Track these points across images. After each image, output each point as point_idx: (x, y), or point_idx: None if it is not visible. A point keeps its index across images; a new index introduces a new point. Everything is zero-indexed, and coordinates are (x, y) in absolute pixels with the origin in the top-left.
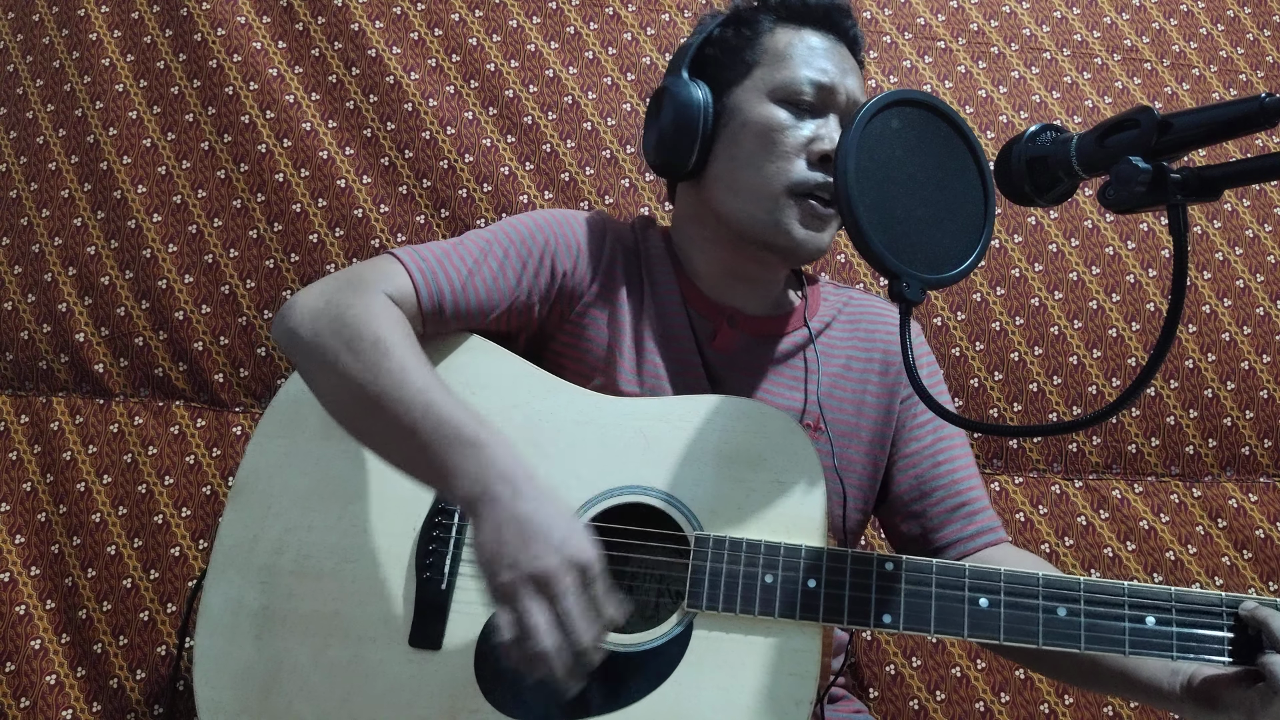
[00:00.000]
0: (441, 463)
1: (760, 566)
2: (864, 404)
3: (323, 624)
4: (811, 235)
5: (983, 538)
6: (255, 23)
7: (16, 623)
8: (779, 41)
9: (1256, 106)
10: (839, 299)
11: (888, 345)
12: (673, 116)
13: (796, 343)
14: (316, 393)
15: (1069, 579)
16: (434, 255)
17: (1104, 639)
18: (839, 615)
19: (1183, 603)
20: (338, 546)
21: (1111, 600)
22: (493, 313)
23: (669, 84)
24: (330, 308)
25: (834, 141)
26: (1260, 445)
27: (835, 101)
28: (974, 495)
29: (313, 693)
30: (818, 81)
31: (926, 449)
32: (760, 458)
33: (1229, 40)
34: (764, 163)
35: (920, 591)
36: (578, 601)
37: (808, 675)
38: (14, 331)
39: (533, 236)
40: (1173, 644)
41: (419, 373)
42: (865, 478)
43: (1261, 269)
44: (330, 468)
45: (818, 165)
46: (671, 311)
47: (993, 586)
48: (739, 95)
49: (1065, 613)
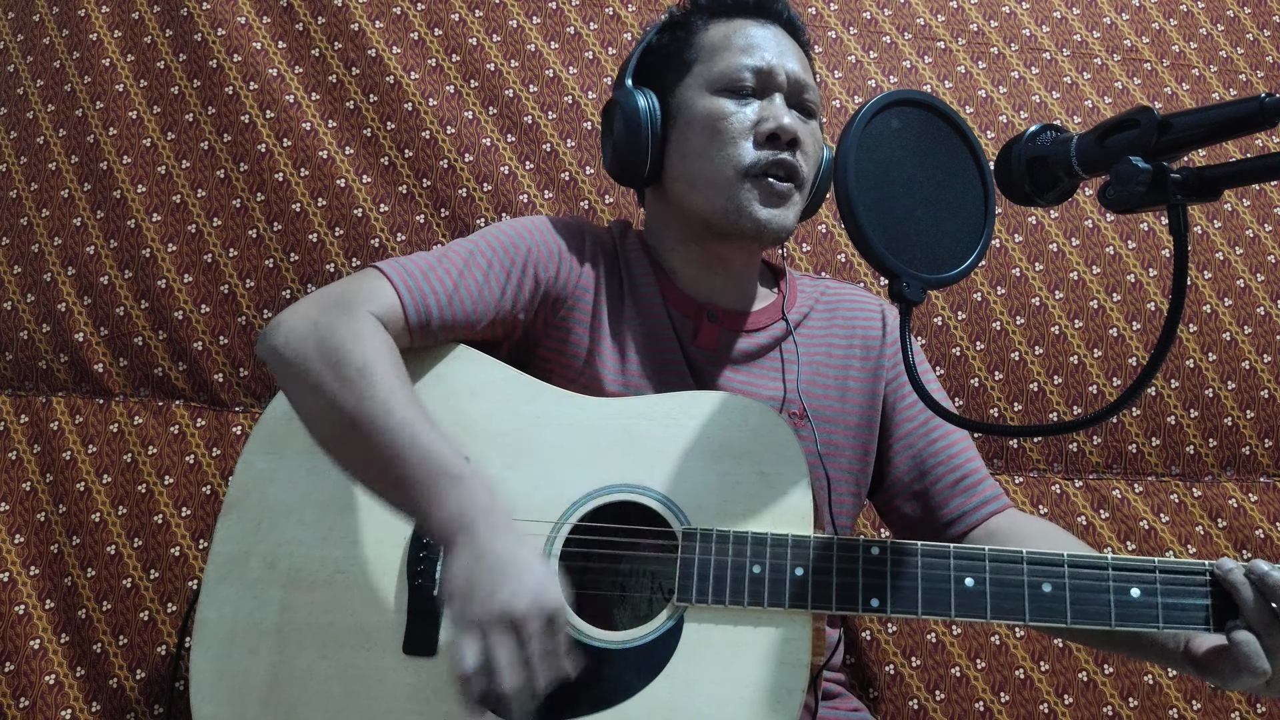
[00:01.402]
0: (421, 493)
1: (748, 557)
2: (847, 390)
3: (318, 635)
4: (774, 213)
5: (988, 507)
6: (255, 23)
7: (16, 622)
8: (713, 36)
9: (1256, 106)
10: (815, 289)
11: (867, 330)
12: (623, 126)
13: (775, 335)
14: (299, 413)
15: (1053, 555)
16: (419, 269)
17: (1090, 613)
18: (827, 602)
19: (1166, 573)
20: (330, 558)
21: (1096, 574)
22: (479, 324)
23: (615, 96)
24: (316, 329)
25: (778, 119)
26: (1260, 445)
27: (776, 83)
28: (973, 466)
29: (310, 703)
30: (754, 66)
31: (920, 427)
32: (745, 450)
33: (1229, 40)
34: (714, 152)
35: (906, 574)
36: (542, 646)
37: (799, 663)
38: (14, 331)
39: (515, 246)
40: (1158, 614)
41: (404, 403)
42: (854, 463)
43: (1262, 269)
44: (320, 481)
45: (765, 144)
46: (652, 311)
47: (978, 566)
48: (681, 94)
49: (1050, 589)
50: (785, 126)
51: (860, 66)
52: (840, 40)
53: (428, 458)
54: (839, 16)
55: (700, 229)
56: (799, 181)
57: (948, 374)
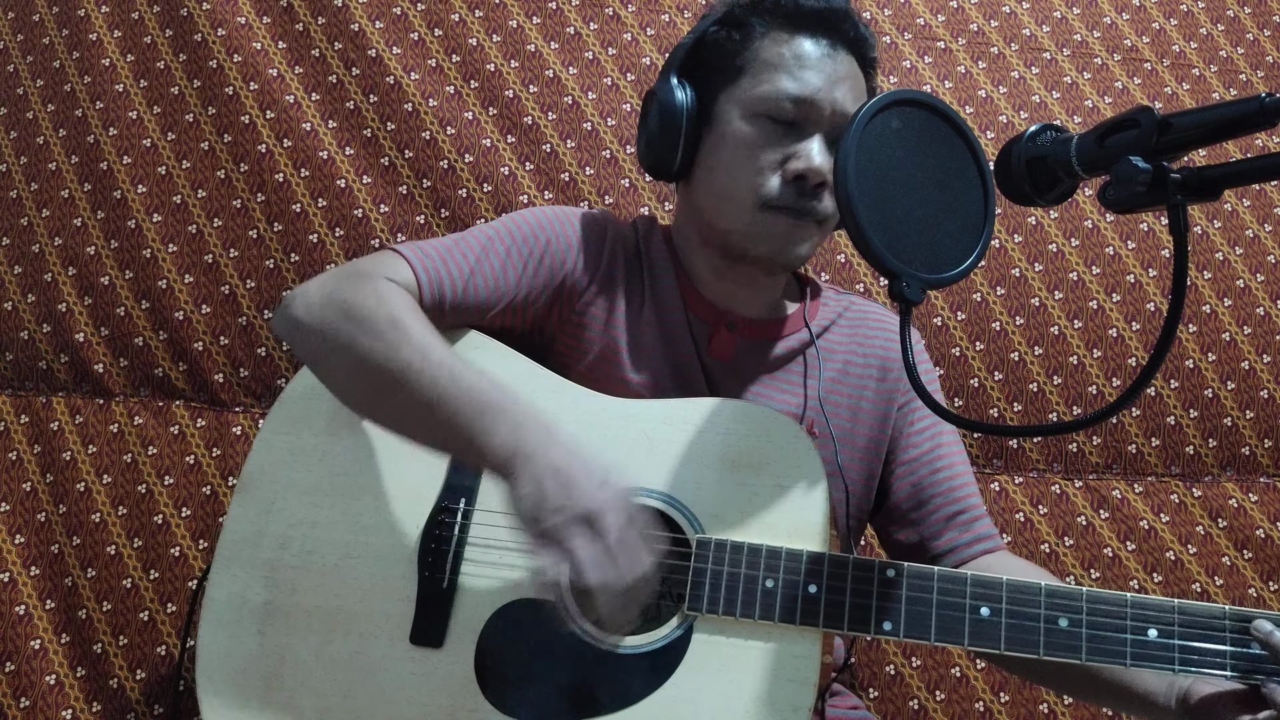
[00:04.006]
0: (472, 429)
1: (761, 570)
2: (860, 410)
3: (325, 619)
4: (787, 246)
5: (980, 544)
6: (255, 23)
7: (16, 623)
8: (768, 50)
9: (1256, 106)
10: (840, 303)
11: (886, 351)
12: (658, 120)
13: (793, 346)
14: (328, 378)
15: (1071, 589)
16: (436, 251)
17: (1105, 650)
18: (839, 622)
19: (1185, 615)
20: (341, 542)
21: (1114, 612)
22: (492, 309)
23: (656, 88)
24: (336, 295)
25: (809, 162)
26: (1260, 445)
27: (818, 116)
28: (972, 503)
29: (314, 687)
30: (799, 96)
31: (924, 455)
32: (763, 461)
33: (1229, 40)
34: (740, 175)
35: (921, 599)
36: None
37: (807, 681)
38: (14, 331)
39: (535, 234)
40: (1174, 657)
41: (439, 347)
42: (860, 484)
43: (1261, 269)
44: (335, 464)
45: (792, 183)
46: (672, 315)
47: (994, 596)
48: (724, 103)
49: (1067, 624)
50: (814, 169)
51: None
52: None
53: (471, 392)
54: None
55: (718, 240)
56: (819, 219)
57: (947, 374)
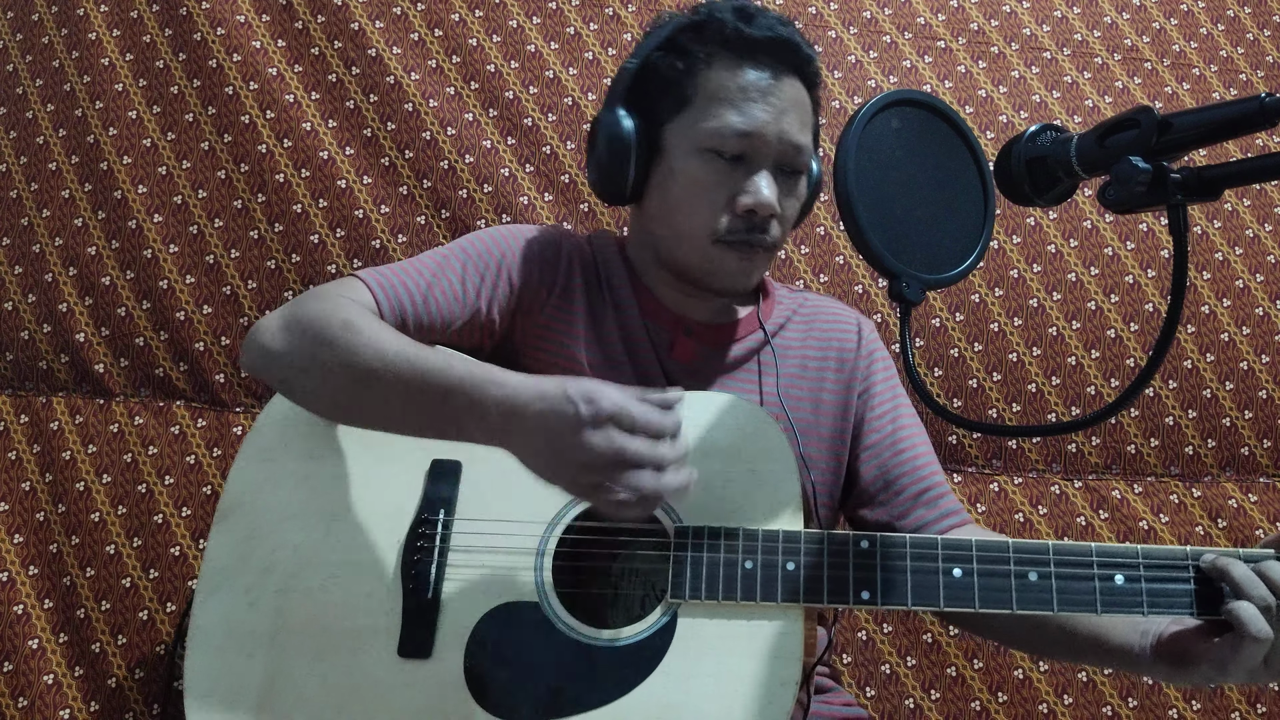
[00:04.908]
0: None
1: (739, 553)
2: (821, 401)
3: (314, 639)
4: (741, 274)
5: (947, 520)
6: (255, 22)
7: (14, 622)
8: (713, 81)
9: (1256, 106)
10: (794, 301)
11: (842, 344)
12: (606, 149)
13: (751, 346)
14: (303, 399)
15: (1038, 544)
16: (392, 271)
17: (1076, 600)
18: (818, 595)
19: (1149, 559)
20: (325, 563)
21: (1081, 562)
22: (453, 324)
23: (602, 116)
24: (294, 319)
25: (757, 197)
26: (1259, 445)
27: (765, 149)
28: (935, 481)
29: (307, 706)
30: (745, 131)
31: (886, 439)
32: (735, 449)
33: (1229, 40)
34: (692, 213)
35: (896, 566)
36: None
37: (792, 656)
38: (14, 331)
39: (489, 250)
40: (1143, 600)
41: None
42: (828, 474)
43: (1261, 269)
44: (315, 486)
45: (742, 216)
46: (630, 323)
47: (965, 556)
48: (671, 135)
49: (1036, 577)
50: (763, 204)
51: (860, 66)
52: (840, 40)
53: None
54: (839, 16)
55: (674, 268)
56: (767, 247)
57: (946, 375)
